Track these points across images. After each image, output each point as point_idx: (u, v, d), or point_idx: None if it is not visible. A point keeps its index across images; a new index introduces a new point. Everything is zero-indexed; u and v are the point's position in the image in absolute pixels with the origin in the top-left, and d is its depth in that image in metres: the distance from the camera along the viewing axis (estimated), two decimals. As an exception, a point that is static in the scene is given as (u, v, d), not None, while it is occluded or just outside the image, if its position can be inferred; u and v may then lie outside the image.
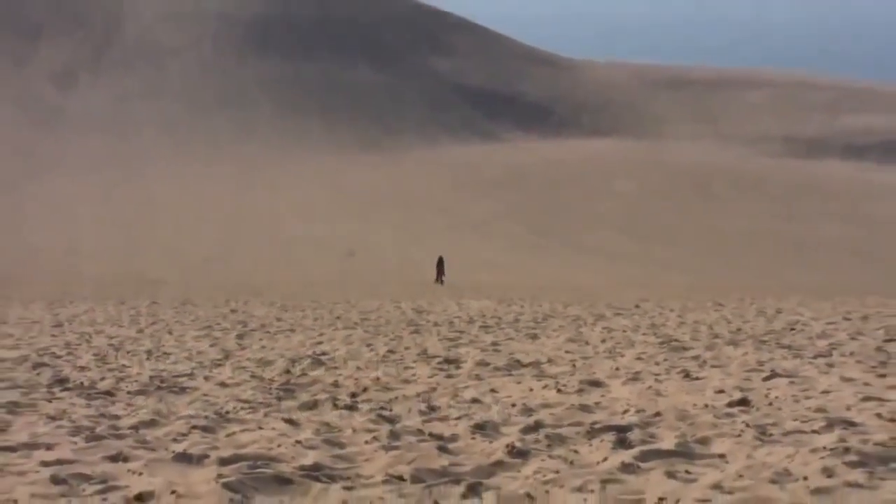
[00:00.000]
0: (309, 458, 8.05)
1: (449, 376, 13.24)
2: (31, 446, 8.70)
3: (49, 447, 8.65)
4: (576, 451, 8.41)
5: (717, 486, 7.02)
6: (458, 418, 9.97)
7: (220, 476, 7.41)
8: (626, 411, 10.11)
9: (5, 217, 71.56)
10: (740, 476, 7.30)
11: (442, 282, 48.71)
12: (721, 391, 11.23)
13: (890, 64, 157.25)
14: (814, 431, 8.81)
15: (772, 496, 6.66)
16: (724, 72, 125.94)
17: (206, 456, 8.24)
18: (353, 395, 11.72)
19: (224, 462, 8.00)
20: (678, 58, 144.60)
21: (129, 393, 11.92)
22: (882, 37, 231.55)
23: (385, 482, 7.41)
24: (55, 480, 7.37)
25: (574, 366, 14.10)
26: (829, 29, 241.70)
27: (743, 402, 10.48)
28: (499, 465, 7.96)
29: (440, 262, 50.21)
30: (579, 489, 7.13)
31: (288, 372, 13.83)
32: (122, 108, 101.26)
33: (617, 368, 13.67)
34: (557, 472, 7.65)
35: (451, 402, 11.10)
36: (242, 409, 10.72)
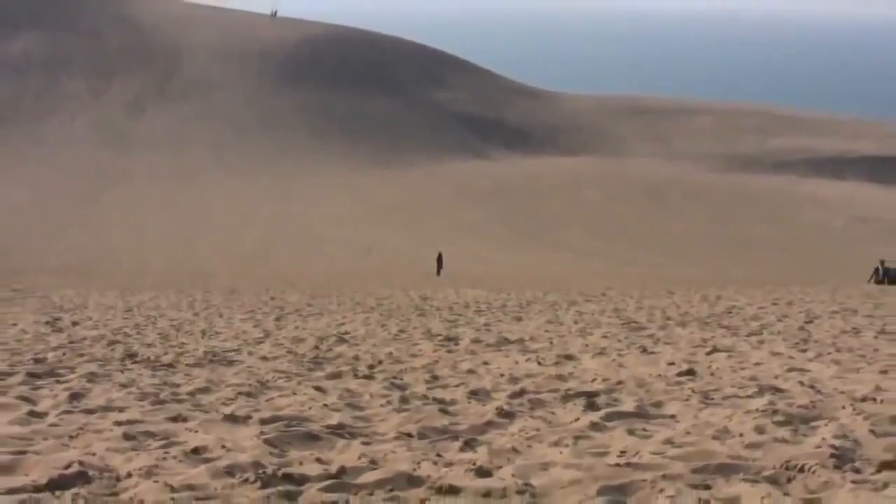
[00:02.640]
0: (334, 419, 8.08)
1: (449, 351, 13.27)
2: (107, 409, 8.73)
3: (121, 410, 8.67)
4: (553, 413, 8.44)
5: (668, 442, 7.05)
6: (457, 386, 10.00)
7: (261, 433, 7.44)
8: (594, 380, 10.14)
9: (86, 221, 71.54)
10: (688, 433, 7.33)
11: (439, 273, 48.60)
12: (672, 363, 11.27)
13: (808, 95, 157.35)
14: (748, 396, 8.84)
15: (714, 450, 6.68)
16: (674, 101, 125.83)
17: (250, 417, 8.26)
18: (371, 366, 11.75)
19: (264, 422, 8.02)
20: (636, 89, 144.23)
21: (186, 365, 11.95)
22: (802, 73, 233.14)
23: (396, 438, 7.44)
24: (126, 437, 7.40)
25: (551, 343, 14.12)
26: (758, 67, 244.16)
27: (690, 372, 10.51)
28: (490, 424, 7.98)
29: (440, 258, 50.21)
30: (556, 444, 7.16)
31: (317, 348, 13.86)
32: (180, 132, 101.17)
33: (587, 345, 13.70)
34: (538, 429, 7.68)
35: (450, 373, 11.12)
36: (279, 378, 10.75)
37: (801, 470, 6.08)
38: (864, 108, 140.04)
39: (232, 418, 8.22)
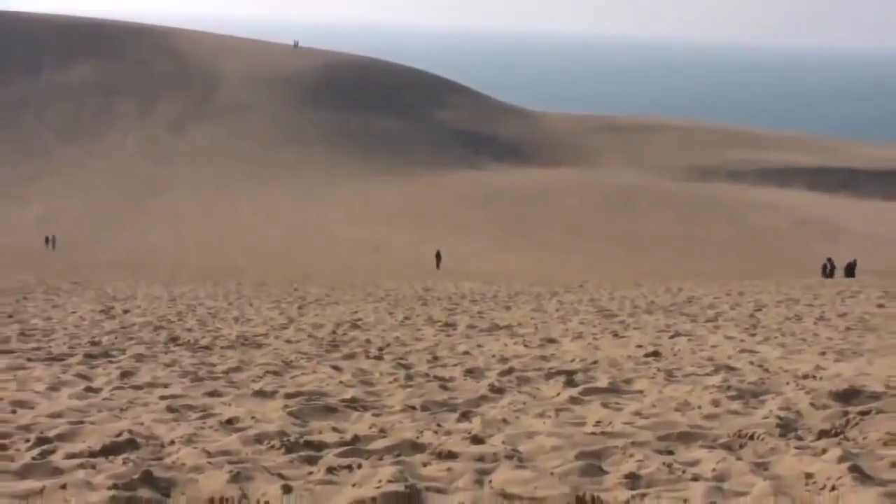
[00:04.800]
0: (349, 394, 8.08)
1: (448, 335, 13.26)
2: (153, 385, 8.73)
3: (165, 386, 8.68)
4: (537, 389, 8.44)
5: (637, 413, 7.05)
6: (455, 365, 10.00)
7: (285, 406, 7.44)
8: (572, 360, 10.13)
9: (134, 224, 71.54)
10: (654, 406, 7.33)
11: (438, 267, 48.52)
12: (640, 346, 11.27)
13: (758, 115, 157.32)
14: (705, 374, 8.84)
15: (676, 420, 6.68)
16: (643, 119, 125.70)
17: (276, 392, 8.26)
18: (380, 349, 11.75)
19: (289, 396, 8.02)
20: (610, 109, 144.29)
21: (221, 347, 11.94)
22: (752, 96, 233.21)
23: (402, 410, 7.44)
24: (169, 409, 7.40)
25: (536, 328, 14.11)
26: (716, 88, 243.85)
27: (655, 353, 10.51)
28: (483, 398, 7.98)
29: (438, 254, 50.21)
30: (540, 415, 7.16)
31: (334, 332, 13.85)
32: (216, 147, 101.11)
33: (566, 330, 13.69)
34: (524, 403, 7.68)
35: (449, 354, 11.12)
36: (301, 359, 10.74)
37: (752, 438, 6.09)
38: (804, 126, 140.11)
39: (260, 393, 8.22)
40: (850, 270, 37.71)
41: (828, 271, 38.25)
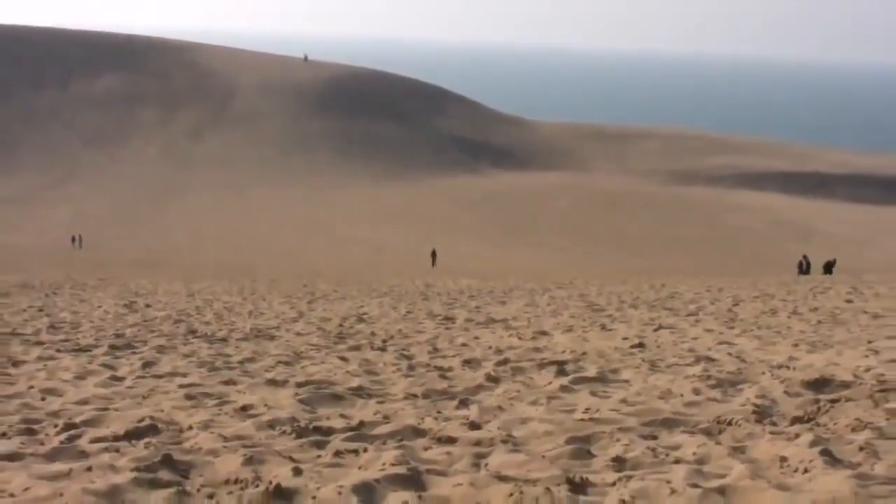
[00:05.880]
0: (355, 382, 8.08)
1: (447, 328, 13.26)
2: (173, 374, 8.73)
3: (184, 375, 8.67)
4: (531, 378, 8.43)
5: (623, 401, 7.04)
6: (453, 356, 9.99)
7: (296, 394, 7.43)
8: (563, 351, 10.13)
9: (156, 224, 71.47)
10: (639, 394, 7.33)
11: (434, 265, 48.30)
12: (626, 338, 11.26)
13: (735, 122, 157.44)
14: (687, 364, 8.83)
15: (660, 408, 6.68)
16: (629, 127, 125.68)
17: (287, 381, 8.26)
18: (384, 341, 11.75)
19: (299, 385, 8.02)
20: (598, 117, 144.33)
21: (236, 339, 11.94)
22: (734, 103, 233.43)
23: (405, 398, 7.44)
24: (188, 397, 7.40)
25: (529, 321, 14.11)
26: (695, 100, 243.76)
27: (640, 345, 10.50)
28: (480, 386, 7.98)
29: (433, 253, 50.19)
30: (533, 403, 7.15)
31: (341, 325, 13.85)
32: (231, 153, 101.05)
33: (557, 323, 13.68)
34: (518, 391, 7.68)
35: (448, 346, 11.12)
36: (311, 350, 10.74)
37: (730, 423, 6.08)
38: (778, 134, 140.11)
39: (273, 382, 8.21)
40: (828, 268, 37.52)
41: (804, 268, 38.11)
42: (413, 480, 4.89)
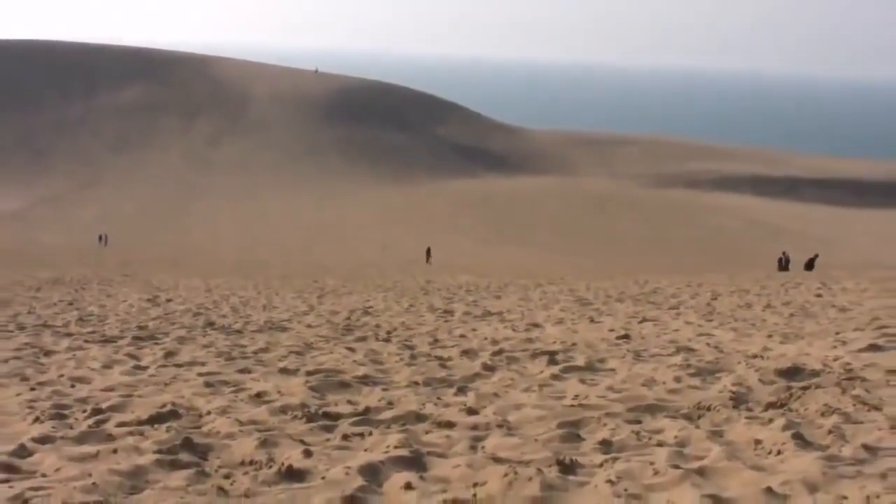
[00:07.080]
0: (361, 371, 8.07)
1: (446, 321, 13.25)
2: (192, 364, 8.72)
3: (203, 364, 8.67)
4: (524, 367, 8.42)
5: (610, 388, 7.04)
6: (452, 346, 9.98)
7: (306, 382, 7.42)
8: (554, 342, 10.12)
9: (177, 225, 71.47)
10: (624, 382, 7.32)
11: (428, 262, 48.01)
12: (612, 330, 11.25)
13: (713, 129, 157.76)
14: (668, 354, 8.83)
15: (644, 395, 6.67)
16: (614, 134, 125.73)
17: (298, 370, 8.26)
18: (388, 332, 11.74)
19: (309, 373, 8.01)
20: (586, 125, 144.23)
21: (251, 331, 11.93)
22: (712, 112, 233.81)
23: (407, 386, 7.43)
24: (207, 385, 7.40)
25: (523, 314, 14.11)
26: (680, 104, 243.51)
27: (625, 336, 10.49)
28: (477, 375, 7.97)
29: (428, 251, 50.09)
30: (526, 390, 7.15)
31: (348, 318, 13.84)
32: (247, 158, 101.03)
33: (549, 316, 13.68)
34: (513, 379, 7.67)
35: (447, 337, 11.11)
36: (320, 341, 10.73)
37: (709, 409, 6.08)
38: (753, 140, 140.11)
39: (285, 371, 8.21)
40: (809, 265, 37.23)
41: (783, 264, 37.92)
42: (415, 462, 4.89)
